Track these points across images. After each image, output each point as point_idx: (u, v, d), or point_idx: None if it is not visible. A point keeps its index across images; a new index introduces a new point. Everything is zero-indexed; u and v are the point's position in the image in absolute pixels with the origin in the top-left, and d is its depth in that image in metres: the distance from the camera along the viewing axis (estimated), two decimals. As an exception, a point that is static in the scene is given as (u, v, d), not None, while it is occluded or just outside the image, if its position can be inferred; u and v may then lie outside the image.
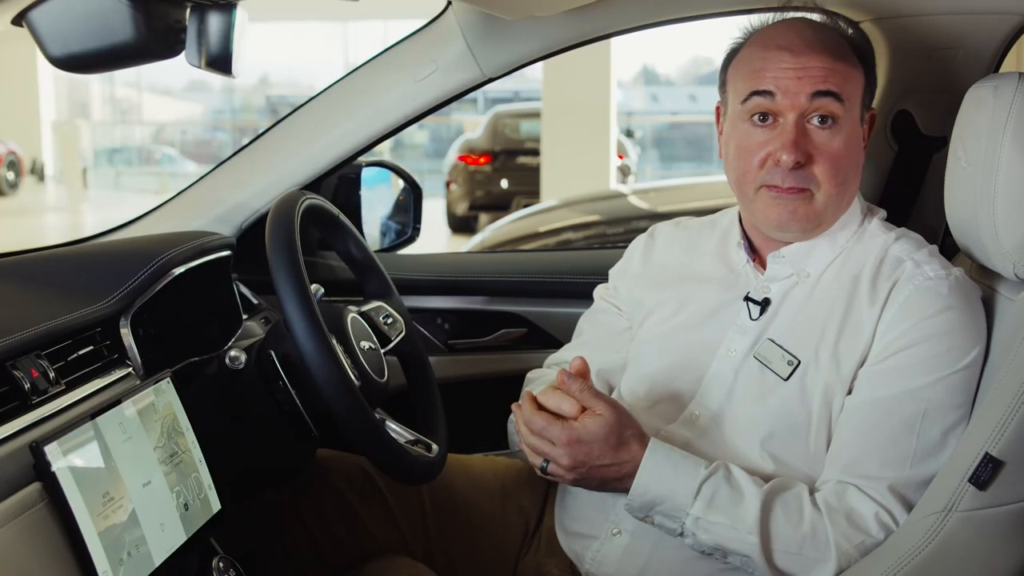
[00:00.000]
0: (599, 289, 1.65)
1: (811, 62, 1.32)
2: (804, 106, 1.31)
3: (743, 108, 1.35)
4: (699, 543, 1.27)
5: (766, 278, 1.40)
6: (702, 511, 1.25)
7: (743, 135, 1.36)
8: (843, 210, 1.38)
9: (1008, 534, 1.16)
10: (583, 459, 1.27)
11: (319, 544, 1.52)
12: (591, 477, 1.29)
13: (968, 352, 1.26)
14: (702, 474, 1.27)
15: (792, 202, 1.33)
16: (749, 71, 1.36)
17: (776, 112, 1.33)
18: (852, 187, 1.38)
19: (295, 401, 1.36)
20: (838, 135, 1.32)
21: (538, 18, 1.66)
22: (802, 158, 1.31)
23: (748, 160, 1.35)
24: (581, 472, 1.28)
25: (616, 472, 1.28)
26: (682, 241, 1.56)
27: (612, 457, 1.28)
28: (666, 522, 1.28)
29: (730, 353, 1.38)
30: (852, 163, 1.35)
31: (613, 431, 1.28)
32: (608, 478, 1.29)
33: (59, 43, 1.02)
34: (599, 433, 1.27)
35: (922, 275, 1.29)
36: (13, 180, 16.07)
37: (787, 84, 1.31)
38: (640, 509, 1.29)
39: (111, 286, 1.35)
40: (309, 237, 1.93)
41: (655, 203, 5.33)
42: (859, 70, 1.36)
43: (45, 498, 1.01)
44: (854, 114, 1.34)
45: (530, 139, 10.84)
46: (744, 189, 1.38)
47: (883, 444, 1.25)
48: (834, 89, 1.31)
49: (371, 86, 1.76)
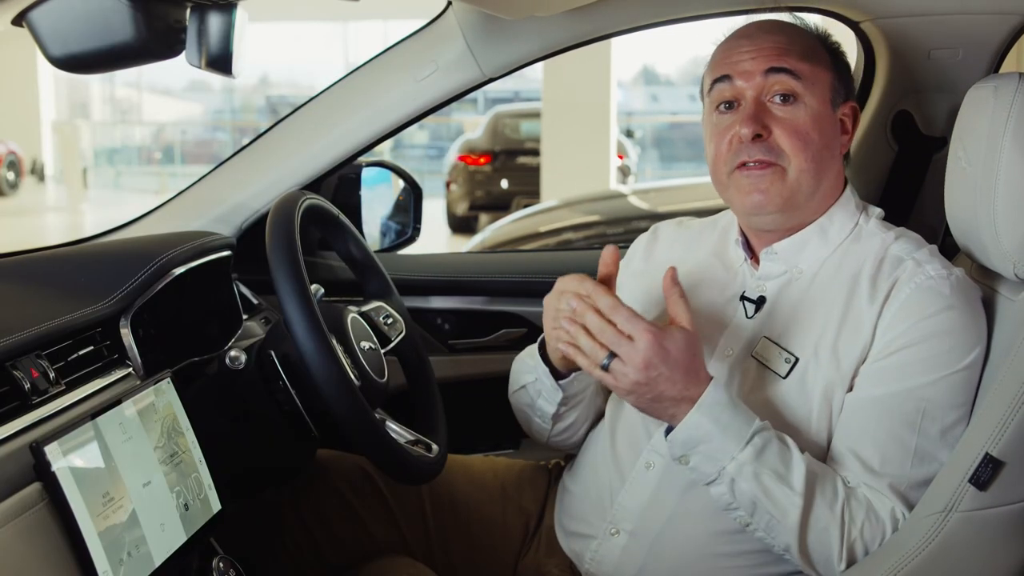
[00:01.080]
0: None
1: (765, 43, 1.35)
2: (760, 84, 1.34)
3: (710, 100, 1.40)
4: (734, 492, 1.22)
5: (760, 276, 1.41)
6: (751, 458, 1.21)
7: (713, 125, 1.39)
8: (826, 199, 1.38)
9: (1008, 534, 1.16)
10: (658, 364, 1.19)
11: (319, 544, 1.52)
12: (652, 389, 1.20)
13: (969, 352, 1.26)
14: (757, 424, 1.23)
15: (761, 178, 1.33)
16: (711, 65, 1.41)
17: (737, 96, 1.36)
18: (829, 171, 1.37)
19: (295, 401, 1.36)
20: (800, 111, 1.33)
21: (538, 18, 1.66)
22: (761, 130, 1.32)
23: (717, 145, 1.37)
24: (649, 376, 1.19)
25: (677, 393, 1.21)
26: (683, 240, 1.56)
27: (682, 379, 1.21)
28: (703, 464, 1.23)
29: (727, 352, 1.38)
30: (822, 141, 1.34)
31: (692, 349, 1.22)
32: (666, 397, 1.21)
33: (59, 43, 1.02)
34: (683, 346, 1.20)
35: (923, 274, 1.29)
36: (13, 180, 16.07)
37: (742, 66, 1.35)
38: (683, 445, 1.23)
39: (111, 286, 1.35)
40: (309, 237, 1.93)
41: (655, 203, 5.33)
42: (824, 59, 1.37)
43: (45, 498, 1.01)
44: (819, 96, 1.35)
45: (530, 139, 10.85)
46: (719, 176, 1.39)
47: (884, 442, 1.25)
48: (788, 66, 1.33)
49: (371, 86, 1.76)
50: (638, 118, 19.09)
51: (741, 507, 1.24)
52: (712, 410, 1.22)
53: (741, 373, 1.36)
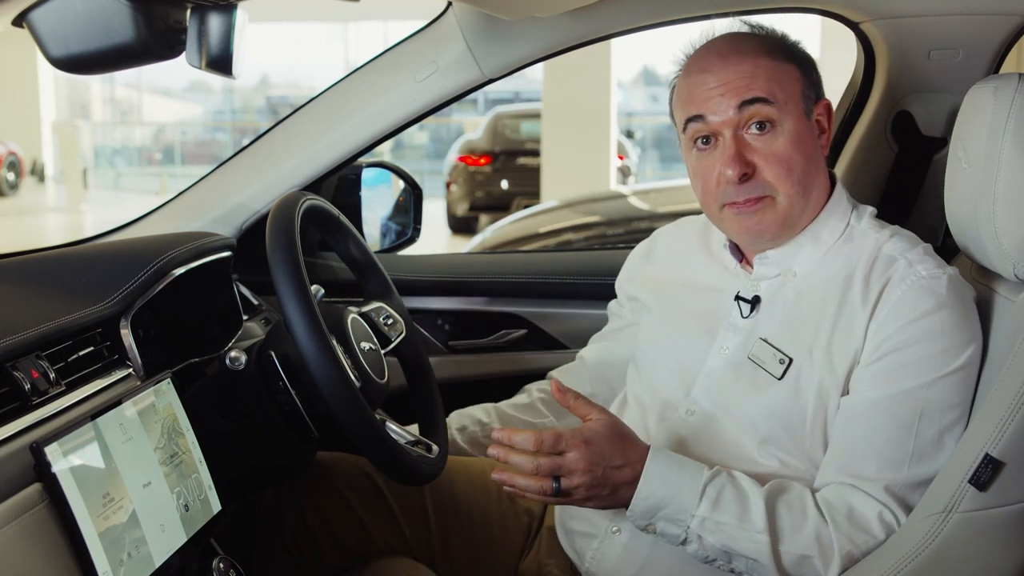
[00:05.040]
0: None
1: (730, 76, 1.33)
2: (735, 119, 1.33)
3: (686, 137, 1.39)
4: (705, 547, 1.26)
5: (754, 277, 1.41)
6: (708, 511, 1.25)
7: (694, 161, 1.39)
8: (816, 207, 1.38)
9: (1008, 535, 1.16)
10: (598, 461, 1.24)
11: (319, 544, 1.52)
12: (605, 485, 1.26)
13: (962, 352, 1.26)
14: (706, 475, 1.27)
15: (754, 215, 1.34)
16: (680, 101, 1.40)
17: (713, 133, 1.35)
18: (816, 183, 1.37)
19: (295, 402, 1.36)
20: (779, 136, 1.33)
21: (538, 19, 1.66)
22: (747, 168, 1.32)
23: (704, 183, 1.37)
24: (595, 476, 1.25)
25: (629, 475, 1.26)
26: (682, 242, 1.58)
27: (622, 456, 1.26)
28: (669, 528, 1.27)
29: (722, 350, 1.39)
30: (805, 159, 1.34)
31: (616, 429, 1.28)
32: (620, 484, 1.26)
33: (59, 44, 1.02)
34: (604, 431, 1.27)
35: (915, 274, 1.29)
36: (13, 180, 16.07)
37: (713, 104, 1.34)
38: (643, 515, 1.28)
39: (111, 287, 1.35)
40: (309, 238, 1.94)
41: (655, 204, 5.34)
42: (789, 65, 1.36)
43: (45, 499, 1.01)
44: (794, 111, 1.34)
45: (530, 140, 10.85)
46: (710, 210, 1.40)
47: (880, 445, 1.25)
48: (760, 94, 1.32)
49: (371, 87, 1.76)
50: (638, 119, 19.09)
51: (718, 558, 1.27)
52: (659, 475, 1.26)
53: (737, 374, 1.36)
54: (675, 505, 1.26)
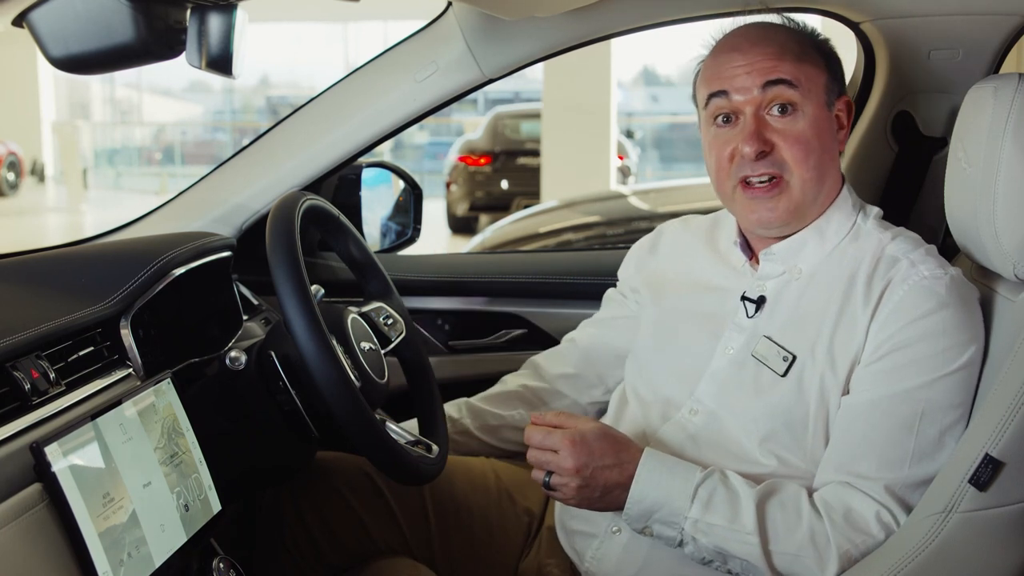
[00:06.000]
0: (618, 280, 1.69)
1: (758, 56, 1.35)
2: (759, 99, 1.34)
3: (706, 113, 1.40)
4: (699, 548, 1.27)
5: (759, 276, 1.42)
6: (700, 512, 1.26)
7: (712, 138, 1.40)
8: (825, 201, 1.39)
9: (1008, 535, 1.16)
10: (586, 460, 1.27)
11: (319, 544, 1.52)
12: (595, 482, 1.28)
13: (964, 352, 1.26)
14: (697, 477, 1.28)
15: (768, 200, 1.35)
16: (705, 78, 1.41)
17: (735, 111, 1.36)
18: (829, 175, 1.38)
19: (295, 402, 1.36)
20: (800, 120, 1.34)
21: (538, 19, 1.66)
22: (765, 146, 1.33)
23: (719, 159, 1.38)
24: (585, 477, 1.28)
25: (619, 475, 1.28)
26: (687, 239, 1.58)
27: (613, 456, 1.29)
28: (664, 530, 1.29)
29: (727, 350, 1.39)
30: (822, 147, 1.35)
31: (607, 431, 1.31)
32: (611, 486, 1.29)
33: (59, 44, 1.02)
34: (596, 431, 1.29)
35: (917, 275, 1.29)
36: (13, 180, 16.07)
37: (738, 81, 1.35)
38: (639, 518, 1.29)
39: (111, 287, 1.35)
40: (309, 238, 1.94)
41: (655, 204, 5.33)
42: (816, 59, 1.38)
43: (45, 499, 1.01)
44: (816, 100, 1.35)
45: (530, 140, 10.84)
46: (723, 189, 1.40)
47: (880, 444, 1.26)
48: (785, 76, 1.33)
49: (371, 87, 1.76)
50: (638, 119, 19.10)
51: (714, 559, 1.28)
52: (650, 478, 1.28)
53: (742, 372, 1.37)
54: (668, 508, 1.27)
